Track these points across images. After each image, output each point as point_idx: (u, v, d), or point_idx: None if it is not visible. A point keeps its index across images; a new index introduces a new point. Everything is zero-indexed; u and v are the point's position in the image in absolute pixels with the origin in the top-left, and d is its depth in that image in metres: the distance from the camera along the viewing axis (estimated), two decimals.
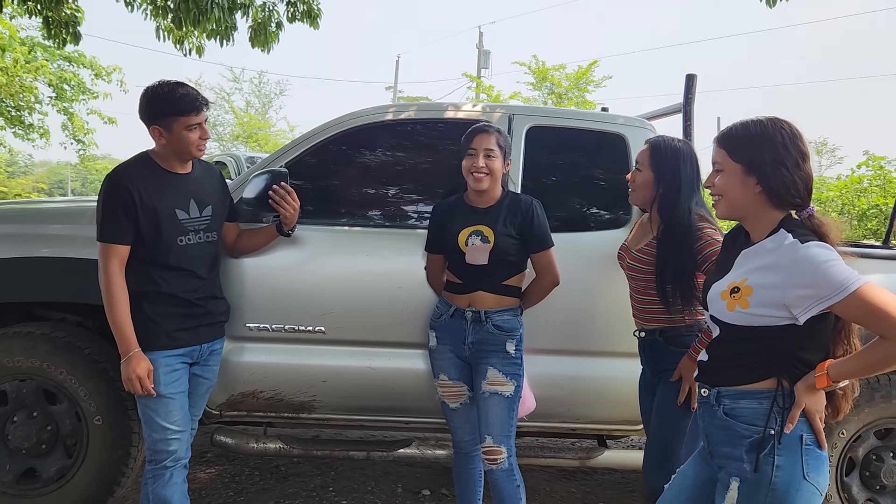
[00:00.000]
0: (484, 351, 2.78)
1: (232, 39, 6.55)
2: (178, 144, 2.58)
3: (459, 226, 2.80)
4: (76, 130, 17.11)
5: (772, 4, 5.02)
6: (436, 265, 2.96)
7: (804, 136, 1.83)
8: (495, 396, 2.75)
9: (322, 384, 3.12)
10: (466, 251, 2.75)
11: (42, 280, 3.07)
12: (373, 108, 3.35)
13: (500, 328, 2.78)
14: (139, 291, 2.57)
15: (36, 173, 33.81)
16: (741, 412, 1.82)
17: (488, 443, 2.75)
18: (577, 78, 19.76)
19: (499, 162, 2.75)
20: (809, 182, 1.81)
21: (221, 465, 4.09)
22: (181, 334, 2.62)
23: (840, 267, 1.67)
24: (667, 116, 3.90)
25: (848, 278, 1.65)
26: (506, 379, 2.75)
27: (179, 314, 2.61)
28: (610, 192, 3.40)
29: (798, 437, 1.76)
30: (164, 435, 2.57)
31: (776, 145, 1.80)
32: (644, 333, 2.69)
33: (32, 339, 3.01)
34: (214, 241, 2.75)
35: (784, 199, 1.81)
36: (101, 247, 2.52)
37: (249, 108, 27.64)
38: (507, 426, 2.76)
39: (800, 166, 1.79)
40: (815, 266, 1.68)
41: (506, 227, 2.76)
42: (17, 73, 14.70)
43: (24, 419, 3.03)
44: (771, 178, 1.80)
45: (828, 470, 1.82)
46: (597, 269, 3.20)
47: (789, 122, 1.84)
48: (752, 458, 1.77)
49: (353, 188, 3.40)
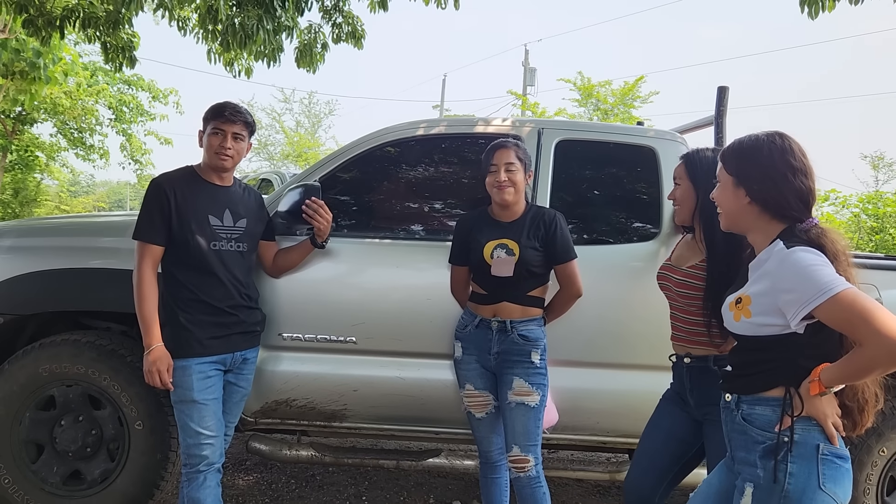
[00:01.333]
0: (509, 361, 2.81)
1: (278, 61, 6.76)
2: (205, 148, 2.80)
3: (485, 239, 2.85)
4: (134, 151, 17.83)
5: (814, 16, 4.95)
6: (460, 277, 3.01)
7: (802, 151, 1.85)
8: (521, 406, 2.77)
9: (353, 393, 3.18)
10: (492, 264, 2.80)
11: (89, 290, 3.23)
12: (404, 124, 3.42)
13: (525, 338, 2.81)
14: (174, 299, 2.71)
15: (97, 192, 35.15)
16: (756, 418, 1.84)
17: (515, 452, 2.78)
18: (622, 94, 19.62)
19: (520, 174, 2.82)
20: (804, 195, 1.82)
21: (259, 472, 4.19)
22: (213, 342, 2.72)
23: (824, 271, 1.67)
24: (699, 129, 3.88)
25: (830, 283, 1.65)
26: (531, 389, 2.77)
27: (212, 322, 2.73)
28: (640, 205, 3.40)
29: (814, 447, 1.75)
30: (197, 440, 2.67)
31: (763, 158, 1.84)
32: (690, 360, 2.46)
33: (78, 346, 3.15)
34: (246, 252, 2.86)
35: (778, 211, 1.83)
36: (136, 245, 2.70)
37: (299, 128, 28.25)
38: (533, 435, 2.79)
39: (789, 179, 1.81)
40: (798, 269, 1.69)
41: (530, 240, 2.80)
42: (79, 97, 15.39)
43: (70, 423, 3.18)
44: (759, 190, 1.84)
45: (850, 482, 1.79)
46: (628, 281, 3.20)
47: (786, 136, 1.87)
48: (765, 463, 1.78)
49: (384, 202, 3.48)
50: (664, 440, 2.50)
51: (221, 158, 2.77)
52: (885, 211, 12.62)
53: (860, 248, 12.20)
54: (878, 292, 3.10)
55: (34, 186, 18.59)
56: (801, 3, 4.85)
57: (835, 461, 1.76)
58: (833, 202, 13.61)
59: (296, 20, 6.50)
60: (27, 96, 11.80)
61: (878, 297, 3.10)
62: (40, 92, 11.90)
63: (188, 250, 2.70)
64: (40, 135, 17.58)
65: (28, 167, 17.64)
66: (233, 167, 2.86)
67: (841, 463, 1.77)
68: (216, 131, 2.76)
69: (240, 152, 2.83)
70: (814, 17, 4.94)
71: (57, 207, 20.48)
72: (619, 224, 3.41)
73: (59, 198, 21.92)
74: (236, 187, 2.92)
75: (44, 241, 3.44)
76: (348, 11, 6.93)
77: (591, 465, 3.41)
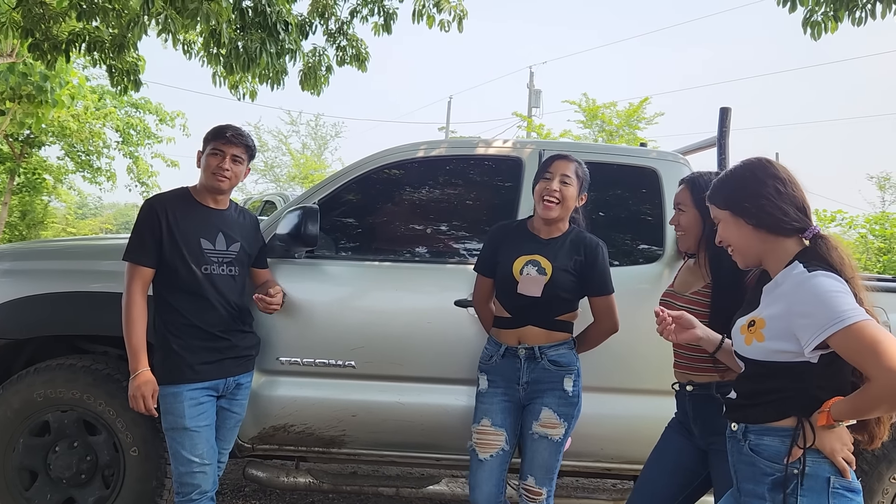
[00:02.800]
0: (540, 390, 2.67)
1: (282, 83, 6.80)
2: (202, 168, 2.77)
3: (517, 252, 2.70)
4: (141, 173, 17.95)
5: (817, 37, 4.94)
6: (484, 289, 2.86)
7: (782, 166, 1.86)
8: (544, 440, 2.65)
9: (352, 419, 3.13)
10: (520, 280, 2.64)
11: (87, 314, 3.20)
12: (406, 145, 3.40)
13: (556, 364, 2.66)
14: (165, 323, 2.68)
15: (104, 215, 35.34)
16: (765, 448, 1.78)
17: (530, 482, 2.69)
18: (627, 115, 19.67)
19: (573, 190, 2.67)
20: (799, 202, 1.81)
21: (258, 499, 4.12)
22: (206, 368, 2.68)
23: (842, 299, 1.62)
24: (702, 150, 3.85)
25: (847, 311, 1.60)
26: (559, 421, 2.64)
27: (204, 347, 2.68)
28: (644, 227, 3.36)
29: (825, 479, 1.69)
30: (189, 468, 2.61)
31: (747, 181, 1.86)
32: (692, 388, 2.38)
33: (74, 371, 3.11)
34: (238, 277, 2.82)
35: (780, 226, 1.80)
36: (126, 266, 2.66)
37: (306, 150, 28.38)
38: (552, 469, 2.70)
39: (779, 191, 1.80)
40: (817, 295, 1.64)
41: (565, 263, 2.66)
42: (87, 120, 15.51)
43: (65, 449, 3.12)
44: (755, 212, 1.82)
45: None
46: (632, 304, 3.14)
47: (759, 157, 1.88)
48: (773, 496, 1.72)
49: (384, 224, 3.45)
50: (668, 469, 2.43)
51: (219, 179, 2.73)
52: (892, 231, 12.55)
53: (868, 269, 12.11)
54: (886, 315, 3.04)
55: (41, 209, 18.71)
56: (804, 25, 4.86)
57: (846, 495, 1.70)
58: (840, 223, 13.54)
59: (299, 43, 6.54)
60: (34, 119, 11.92)
61: (885, 320, 3.04)
62: (47, 115, 12.01)
63: (178, 274, 2.66)
64: (48, 157, 17.73)
65: (35, 190, 17.76)
66: (229, 189, 2.82)
67: (852, 497, 1.71)
68: (216, 152, 2.73)
69: (237, 175, 2.80)
70: (816, 38, 4.94)
71: (64, 230, 20.60)
72: (622, 246, 3.36)
73: (67, 220, 22.06)
74: (231, 210, 2.88)
75: (42, 264, 3.42)
76: (352, 34, 6.98)
77: (596, 492, 3.34)
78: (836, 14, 4.66)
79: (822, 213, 13.80)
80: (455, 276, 3.18)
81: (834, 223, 13.62)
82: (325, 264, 3.24)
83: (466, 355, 3.07)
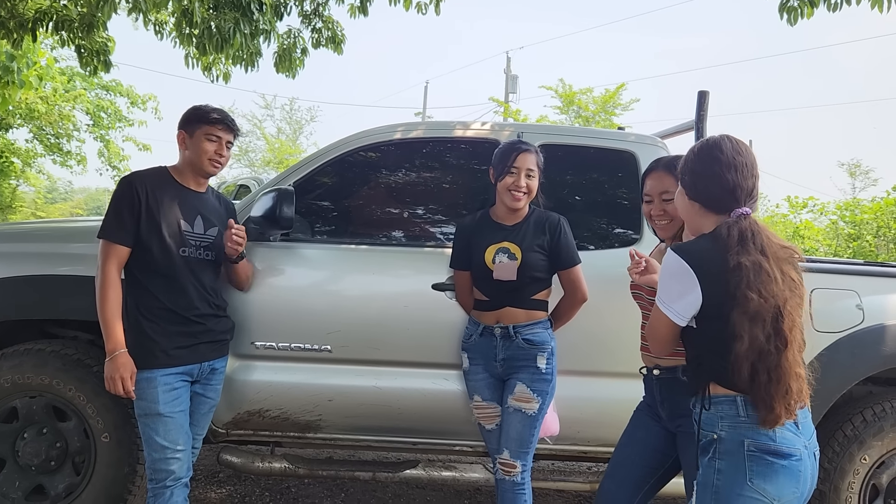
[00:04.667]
0: (514, 366, 2.78)
1: (257, 66, 6.67)
2: (194, 152, 2.69)
3: (486, 242, 2.81)
4: (112, 157, 17.60)
5: (793, 22, 4.96)
6: (464, 282, 2.95)
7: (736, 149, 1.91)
8: (518, 413, 2.74)
9: (328, 403, 3.10)
10: (494, 268, 2.76)
11: (55, 298, 3.12)
12: (381, 127, 3.36)
13: (530, 342, 2.77)
14: (137, 306, 2.61)
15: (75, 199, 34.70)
16: (695, 415, 1.93)
17: (505, 455, 2.75)
18: (604, 101, 19.72)
19: (536, 182, 2.80)
20: (731, 187, 1.88)
21: (232, 485, 4.08)
22: (180, 352, 2.63)
23: (664, 280, 1.88)
24: (680, 134, 3.85)
25: (659, 293, 1.91)
26: (532, 395, 2.73)
27: (178, 332, 2.63)
28: (621, 210, 3.36)
29: (739, 443, 1.77)
30: (163, 454, 2.57)
31: (694, 156, 1.96)
32: (659, 371, 2.41)
33: (42, 356, 3.04)
34: (214, 261, 2.78)
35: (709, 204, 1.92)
36: (101, 244, 2.58)
37: (281, 134, 28.07)
38: (526, 443, 2.76)
39: (715, 173, 1.89)
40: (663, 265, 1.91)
41: (532, 244, 2.77)
42: (56, 102, 15.16)
43: (33, 436, 3.06)
44: (691, 186, 1.95)
45: (791, 480, 1.76)
46: (607, 288, 3.14)
47: (724, 136, 1.96)
48: (700, 461, 1.85)
49: (360, 207, 3.41)
50: (639, 451, 2.44)
51: (214, 165, 2.71)
52: (862, 218, 12.75)
53: (838, 255, 12.30)
54: (858, 298, 3.08)
55: (10, 193, 18.27)
56: (780, 10, 4.87)
57: (765, 457, 1.75)
58: (811, 209, 13.74)
59: (274, 24, 6.41)
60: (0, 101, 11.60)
61: (858, 302, 3.08)
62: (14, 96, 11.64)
63: (155, 254, 2.59)
64: (16, 140, 17.28)
65: (3, 173, 17.31)
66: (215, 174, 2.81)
67: (775, 460, 1.75)
68: (213, 138, 2.68)
69: (227, 161, 2.80)
70: (792, 23, 4.95)
71: (33, 214, 20.15)
72: (599, 229, 3.36)
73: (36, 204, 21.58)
74: (209, 195, 2.85)
75: (9, 247, 3.32)
76: (328, 16, 6.87)
77: (572, 475, 3.34)
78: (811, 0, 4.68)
79: (794, 200, 14.00)
80: (432, 259, 3.15)
81: (806, 210, 13.82)
82: (300, 247, 3.19)
83: (443, 339, 3.06)
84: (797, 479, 1.76)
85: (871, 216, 12.62)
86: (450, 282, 3.04)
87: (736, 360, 1.74)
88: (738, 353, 1.74)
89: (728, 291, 1.74)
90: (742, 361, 1.73)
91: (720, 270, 1.76)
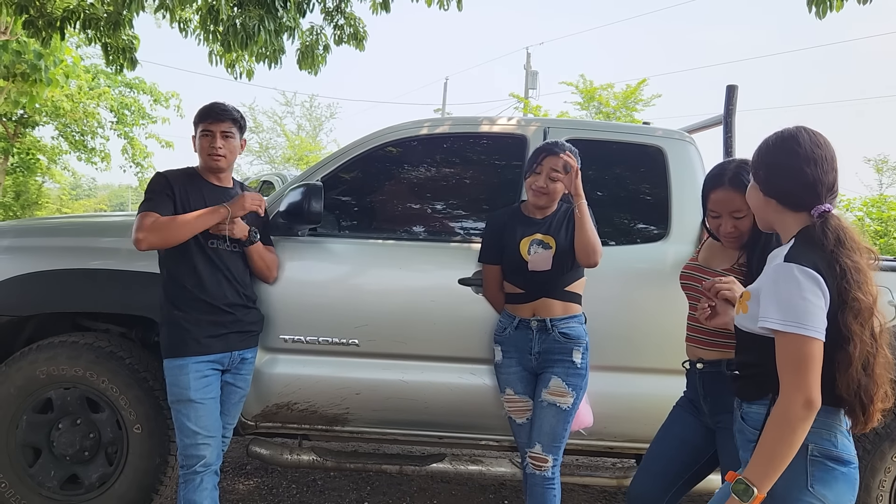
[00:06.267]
0: (550, 360, 2.79)
1: (280, 62, 6.72)
2: (198, 151, 2.81)
3: (520, 235, 2.84)
4: (135, 154, 17.81)
5: (822, 16, 4.90)
6: (493, 276, 2.96)
7: (815, 141, 1.79)
8: (553, 408, 2.75)
9: (355, 397, 3.12)
10: (529, 259, 2.78)
11: (88, 291, 3.18)
12: (408, 123, 3.37)
13: (566, 336, 2.78)
14: (170, 297, 2.71)
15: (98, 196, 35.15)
16: (751, 416, 1.85)
17: (537, 449, 2.76)
18: (625, 97, 19.58)
19: (560, 185, 2.79)
20: (809, 179, 1.76)
21: (260, 476, 4.13)
22: (211, 341, 2.69)
23: (796, 301, 1.64)
24: (708, 129, 3.83)
25: (785, 315, 1.64)
26: (567, 390, 2.75)
27: (209, 321, 2.70)
28: (648, 206, 3.35)
29: (803, 447, 1.68)
30: (194, 440, 2.63)
31: (771, 150, 1.84)
32: (702, 365, 2.37)
33: (76, 348, 3.10)
34: (241, 253, 2.84)
35: (788, 201, 1.81)
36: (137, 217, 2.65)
37: (301, 131, 28.21)
38: (559, 437, 2.78)
39: (794, 169, 1.77)
40: (777, 282, 1.69)
41: (564, 234, 2.80)
42: (81, 99, 15.36)
43: (68, 426, 3.12)
44: (767, 183, 1.84)
45: (851, 488, 1.74)
46: (636, 283, 3.15)
47: (801, 127, 1.83)
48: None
49: (387, 202, 3.44)
50: (675, 446, 2.43)
51: (214, 159, 2.77)
52: (889, 214, 12.57)
53: None
54: (891, 294, 3.05)
55: (35, 189, 18.57)
56: (809, 3, 4.81)
57: (827, 463, 1.71)
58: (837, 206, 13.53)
59: (297, 21, 6.45)
60: (28, 98, 11.78)
61: (891, 299, 3.05)
62: (41, 94, 11.87)
63: (186, 247, 2.68)
64: (42, 137, 17.58)
65: (29, 170, 17.61)
66: (228, 166, 2.85)
67: (836, 466, 1.72)
68: (206, 133, 2.77)
69: (233, 151, 2.83)
70: (821, 16, 4.89)
71: (58, 210, 20.46)
72: (626, 225, 3.35)
73: (61, 200, 21.90)
74: (236, 189, 2.91)
75: (43, 241, 3.39)
76: (350, 13, 6.89)
77: (598, 470, 3.35)
78: None
79: None
80: (458, 254, 3.16)
81: None
82: (328, 242, 3.21)
83: (470, 333, 3.07)
84: (854, 486, 1.73)
85: None
86: (476, 277, 3.05)
87: (846, 365, 1.67)
88: (850, 357, 1.66)
89: (839, 296, 1.68)
90: (855, 364, 1.67)
91: (831, 275, 1.69)
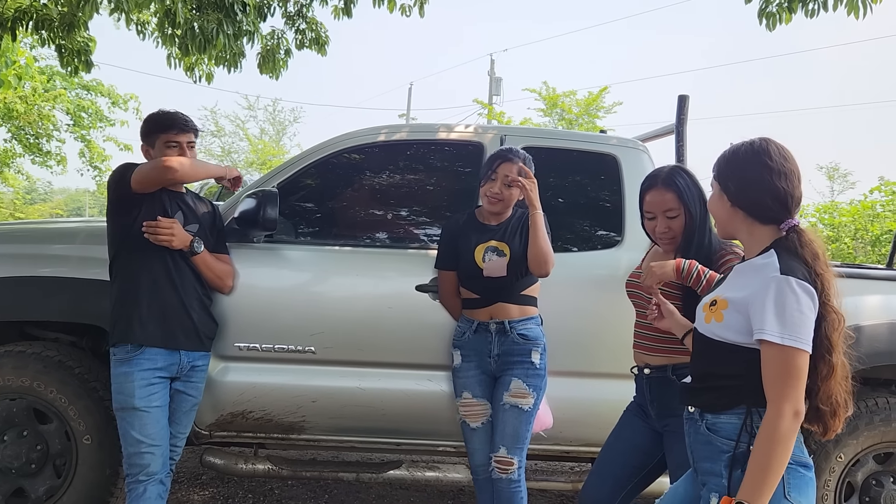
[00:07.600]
0: (509, 362, 2.81)
1: (240, 66, 6.64)
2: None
3: (474, 242, 2.86)
4: (93, 157, 17.38)
5: (771, 28, 5.03)
6: (449, 282, 2.97)
7: (783, 154, 1.81)
8: (514, 409, 2.78)
9: (312, 405, 3.10)
10: (484, 267, 2.80)
11: (37, 299, 3.10)
12: (366, 129, 3.37)
13: (524, 337, 2.81)
14: (122, 292, 2.71)
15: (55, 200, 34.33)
16: (721, 427, 1.81)
17: (502, 453, 2.78)
18: (587, 104, 19.81)
19: (515, 191, 2.80)
20: (781, 196, 1.78)
21: (216, 486, 4.07)
22: (156, 331, 2.69)
23: (794, 314, 1.65)
24: (660, 138, 3.90)
25: (784, 329, 1.64)
26: (528, 391, 2.78)
27: (157, 315, 2.70)
28: (603, 212, 3.40)
29: None
30: (137, 448, 2.61)
31: (739, 161, 1.84)
32: (649, 370, 2.44)
33: (23, 358, 3.02)
34: None
35: (757, 213, 1.81)
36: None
37: (264, 136, 27.91)
38: (522, 438, 2.80)
39: (764, 181, 1.78)
40: (776, 295, 1.68)
41: (519, 241, 2.81)
42: (35, 102, 14.97)
43: (13, 438, 3.03)
44: (736, 193, 1.83)
45: (814, 490, 1.78)
46: (590, 289, 3.19)
47: (767, 140, 1.84)
48: (731, 473, 1.74)
49: (344, 209, 3.43)
50: (626, 450, 2.48)
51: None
52: (840, 221, 12.92)
53: None
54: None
55: None
56: (759, 16, 4.94)
57: (799, 470, 1.74)
58: None
59: (257, 25, 6.39)
60: None
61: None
62: None
63: (139, 241, 2.67)
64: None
65: None
66: None
67: (805, 472, 1.76)
68: (172, 144, 2.74)
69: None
70: (771, 29, 5.03)
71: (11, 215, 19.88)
72: (581, 232, 3.40)
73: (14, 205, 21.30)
74: (188, 196, 2.93)
75: None
76: (312, 17, 6.85)
77: (555, 475, 3.37)
78: (790, 5, 4.75)
79: None
80: (416, 261, 3.17)
81: None
82: (284, 249, 3.19)
83: (427, 340, 3.07)
84: (815, 488, 1.78)
85: (849, 219, 12.80)
86: (433, 283, 3.06)
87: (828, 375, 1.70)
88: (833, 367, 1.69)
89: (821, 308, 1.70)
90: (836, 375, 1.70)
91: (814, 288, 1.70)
